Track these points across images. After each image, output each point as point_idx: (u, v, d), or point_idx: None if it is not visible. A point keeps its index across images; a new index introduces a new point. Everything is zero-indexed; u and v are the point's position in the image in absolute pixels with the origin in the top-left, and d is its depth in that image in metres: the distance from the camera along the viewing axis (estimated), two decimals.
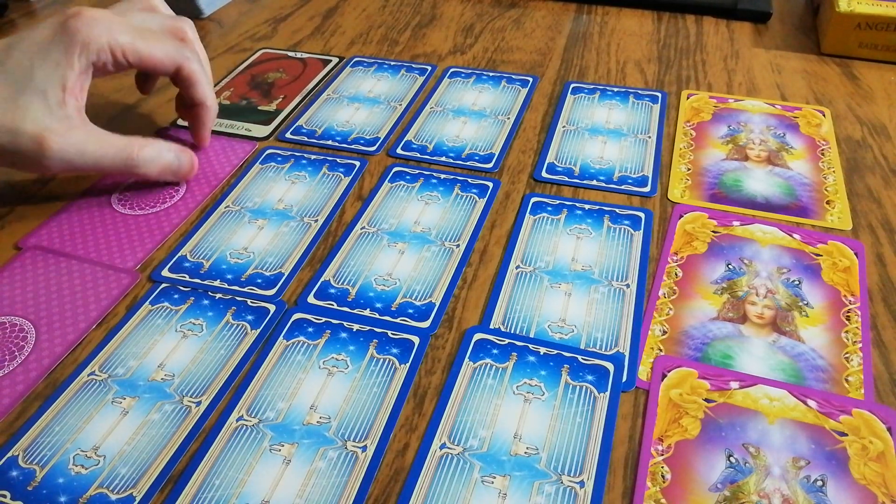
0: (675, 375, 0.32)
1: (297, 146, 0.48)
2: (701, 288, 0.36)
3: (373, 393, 0.32)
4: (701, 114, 0.49)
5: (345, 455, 0.29)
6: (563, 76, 0.55)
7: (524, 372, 0.32)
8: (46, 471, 0.29)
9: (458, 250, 0.39)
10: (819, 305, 0.35)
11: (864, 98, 0.51)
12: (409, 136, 0.48)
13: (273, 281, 0.38)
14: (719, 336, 0.34)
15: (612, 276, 0.37)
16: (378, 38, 0.61)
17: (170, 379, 0.33)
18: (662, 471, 0.29)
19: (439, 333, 0.35)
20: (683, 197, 0.42)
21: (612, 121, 0.49)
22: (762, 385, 0.31)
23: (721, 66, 0.55)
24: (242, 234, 0.41)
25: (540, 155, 0.46)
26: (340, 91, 0.53)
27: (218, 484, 0.29)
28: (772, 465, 0.29)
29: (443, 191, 0.43)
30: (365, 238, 0.40)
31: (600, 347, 0.33)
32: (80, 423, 0.31)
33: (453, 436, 0.30)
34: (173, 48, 0.41)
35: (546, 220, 0.41)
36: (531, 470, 0.29)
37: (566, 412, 0.31)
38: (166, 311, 0.36)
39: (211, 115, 0.45)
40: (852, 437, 0.29)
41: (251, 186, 0.44)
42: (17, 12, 0.67)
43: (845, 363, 0.33)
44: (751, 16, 0.61)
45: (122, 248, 0.40)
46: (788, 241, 0.39)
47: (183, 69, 0.42)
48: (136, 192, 0.44)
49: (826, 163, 0.45)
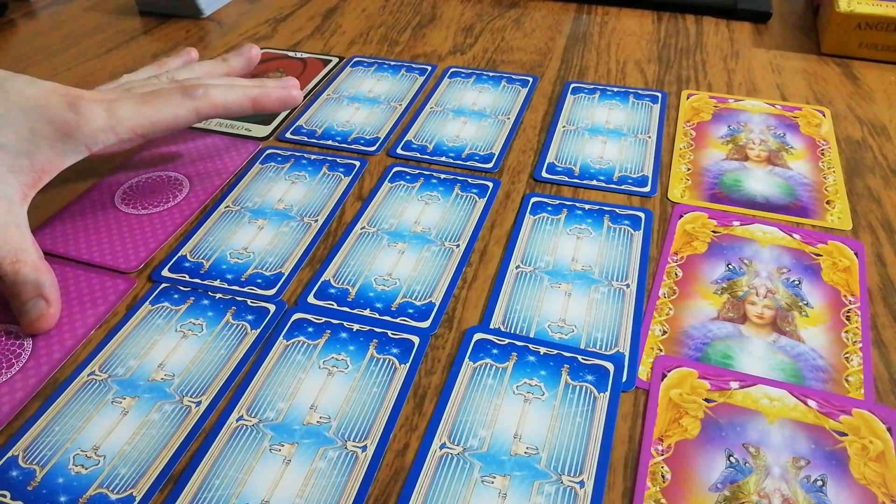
0: (675, 375, 0.32)
1: (297, 146, 0.48)
2: (701, 288, 0.36)
3: (373, 393, 0.32)
4: (701, 114, 0.49)
5: (345, 455, 0.29)
6: (563, 76, 0.55)
7: (524, 372, 0.32)
8: (46, 471, 0.29)
9: (458, 250, 0.39)
10: (819, 305, 0.35)
11: (864, 98, 0.51)
12: (409, 136, 0.48)
13: (273, 281, 0.38)
14: (719, 336, 0.34)
15: (612, 276, 0.37)
16: (378, 38, 0.61)
17: (170, 379, 0.33)
18: (662, 471, 0.29)
19: (439, 333, 0.35)
20: (683, 197, 0.42)
21: (612, 121, 0.49)
22: (762, 385, 0.31)
23: (721, 66, 0.55)
24: (242, 234, 0.41)
25: (540, 155, 0.46)
26: (340, 91, 0.53)
27: (218, 484, 0.29)
28: (772, 465, 0.29)
29: (443, 191, 0.43)
30: (365, 238, 0.40)
31: (600, 347, 0.33)
32: (80, 423, 0.31)
33: (453, 436, 0.30)
34: (181, 97, 0.39)
35: (546, 220, 0.41)
36: (531, 470, 0.29)
37: (566, 412, 0.31)
38: (166, 311, 0.36)
39: (282, 93, 0.43)
40: (852, 437, 0.29)
41: (251, 186, 0.44)
42: (17, 12, 0.67)
43: (845, 363, 0.33)
44: (751, 16, 0.61)
45: (125, 249, 0.40)
46: (788, 241, 0.39)
47: (203, 109, 0.40)
48: (139, 190, 0.44)
49: (826, 163, 0.45)
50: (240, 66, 0.47)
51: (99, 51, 0.60)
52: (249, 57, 0.48)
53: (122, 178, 0.45)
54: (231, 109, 0.41)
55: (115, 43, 0.61)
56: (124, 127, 0.37)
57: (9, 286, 0.34)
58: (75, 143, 0.36)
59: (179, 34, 0.62)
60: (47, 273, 0.35)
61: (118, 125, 0.37)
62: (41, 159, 0.36)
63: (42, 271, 0.35)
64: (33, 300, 0.34)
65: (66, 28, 0.64)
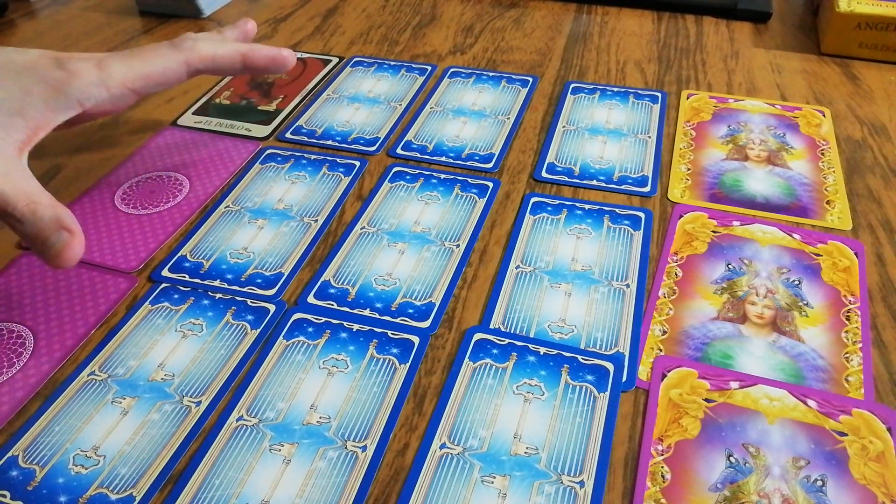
0: (675, 375, 0.32)
1: (297, 146, 0.48)
2: (701, 288, 0.36)
3: (373, 393, 0.32)
4: (701, 114, 0.49)
5: (345, 455, 0.29)
6: (563, 76, 0.55)
7: (524, 372, 0.32)
8: (46, 471, 0.29)
9: (458, 250, 0.39)
10: (819, 305, 0.35)
11: (864, 98, 0.51)
12: (409, 136, 0.48)
13: (273, 281, 0.38)
14: (719, 336, 0.34)
15: (612, 276, 0.37)
16: (378, 38, 0.61)
17: (170, 379, 0.33)
18: (662, 471, 0.29)
19: (439, 333, 0.35)
20: (683, 197, 0.42)
21: (612, 121, 0.49)
22: (762, 385, 0.31)
23: (721, 66, 0.55)
24: (242, 234, 0.41)
25: (540, 155, 0.46)
26: (340, 91, 0.53)
27: (218, 484, 0.29)
28: (772, 465, 0.29)
29: (443, 191, 0.43)
30: (365, 238, 0.40)
31: (600, 347, 0.33)
32: (80, 423, 0.31)
33: (453, 436, 0.30)
34: (169, 49, 0.40)
35: (546, 220, 0.41)
36: (531, 470, 0.29)
37: (566, 412, 0.31)
38: (166, 311, 0.36)
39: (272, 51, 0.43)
40: (852, 436, 0.29)
41: (251, 186, 0.44)
42: (17, 12, 0.67)
43: (845, 363, 0.33)
44: (751, 16, 0.61)
45: (125, 248, 0.40)
46: (788, 241, 0.39)
47: (192, 61, 0.40)
48: (139, 190, 0.44)
49: (826, 163, 0.45)
50: (233, 38, 0.46)
51: (99, 51, 0.60)
52: (244, 30, 0.47)
53: (122, 178, 0.45)
54: (220, 63, 0.41)
55: (115, 43, 0.61)
56: (114, 81, 0.38)
57: (28, 226, 0.34)
58: (67, 98, 0.36)
59: (179, 34, 0.62)
60: (63, 208, 0.35)
61: (108, 79, 0.37)
62: (35, 116, 0.36)
63: (58, 206, 0.34)
64: (56, 233, 0.34)
65: (66, 28, 0.64)
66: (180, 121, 0.51)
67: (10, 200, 0.33)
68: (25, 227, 0.34)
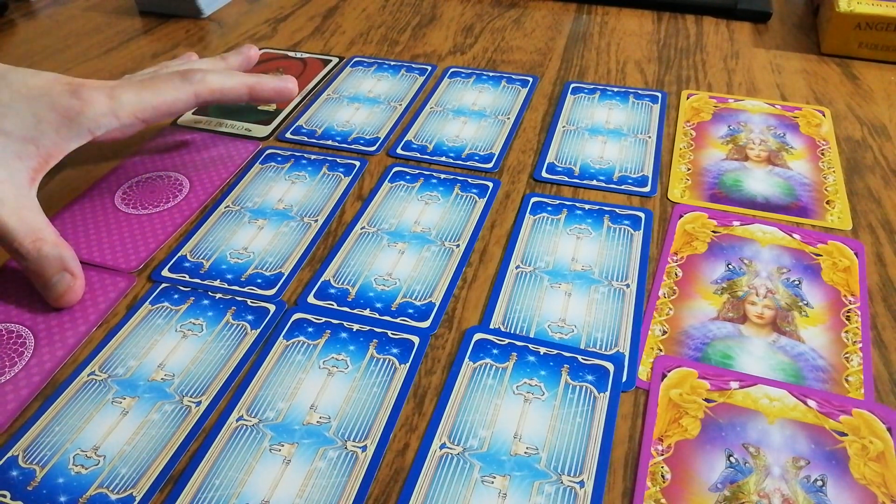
0: (675, 375, 0.32)
1: (297, 146, 0.48)
2: (701, 288, 0.36)
3: (373, 393, 0.32)
4: (701, 114, 0.49)
5: (345, 455, 0.29)
6: (563, 76, 0.55)
7: (524, 372, 0.32)
8: (46, 471, 0.29)
9: (458, 250, 0.39)
10: (819, 305, 0.35)
11: (864, 98, 0.51)
12: (409, 136, 0.48)
13: (273, 281, 0.38)
14: (719, 336, 0.34)
15: (612, 276, 0.37)
16: (378, 38, 0.61)
17: (170, 379, 0.33)
18: (662, 471, 0.29)
19: (439, 333, 0.35)
20: (683, 197, 0.42)
21: (612, 121, 0.49)
22: (762, 385, 0.31)
23: (721, 66, 0.55)
24: (242, 234, 0.41)
25: (540, 155, 0.46)
26: (340, 91, 0.53)
27: (218, 484, 0.29)
28: (772, 465, 0.29)
29: (443, 191, 0.43)
30: (365, 238, 0.40)
31: (600, 347, 0.33)
32: (80, 423, 0.31)
33: (453, 436, 0.30)
34: (180, 81, 0.40)
35: (546, 220, 0.41)
36: (531, 470, 0.29)
37: (566, 412, 0.31)
38: (166, 310, 0.36)
39: (278, 84, 0.45)
40: (852, 437, 0.29)
41: (251, 186, 0.44)
42: (17, 12, 0.67)
43: (845, 363, 0.33)
44: (751, 16, 0.61)
45: (125, 248, 0.40)
46: (788, 241, 0.39)
47: (202, 93, 0.41)
48: (139, 190, 0.44)
49: (826, 163, 0.45)
50: (237, 64, 0.47)
51: (99, 51, 0.60)
52: (248, 56, 0.48)
53: (122, 178, 0.45)
54: (228, 95, 0.42)
55: (115, 43, 0.61)
56: (126, 111, 0.38)
57: (32, 264, 0.35)
58: (79, 127, 0.37)
59: (179, 34, 0.62)
60: (67, 248, 0.36)
61: (120, 109, 0.38)
62: (46, 144, 0.37)
63: (63, 246, 0.36)
64: (59, 275, 0.35)
65: (66, 28, 0.64)
66: (180, 121, 0.51)
67: (17, 237, 0.34)
68: (29, 264, 0.35)
